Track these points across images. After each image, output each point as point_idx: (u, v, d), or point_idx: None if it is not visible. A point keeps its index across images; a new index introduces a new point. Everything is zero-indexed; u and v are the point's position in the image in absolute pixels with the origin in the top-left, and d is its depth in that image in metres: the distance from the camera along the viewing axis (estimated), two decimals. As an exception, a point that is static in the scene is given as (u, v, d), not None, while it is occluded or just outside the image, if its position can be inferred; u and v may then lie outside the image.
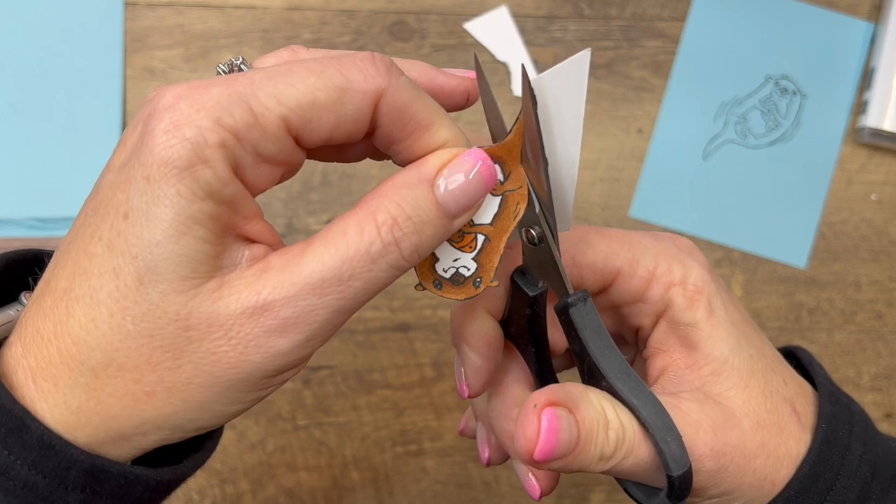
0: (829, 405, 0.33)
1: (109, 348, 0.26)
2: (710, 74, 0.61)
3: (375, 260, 0.26)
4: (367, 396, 0.57)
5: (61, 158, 0.57)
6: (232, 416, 0.27)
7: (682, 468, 0.29)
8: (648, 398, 0.30)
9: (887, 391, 0.60)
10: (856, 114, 0.61)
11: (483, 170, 0.27)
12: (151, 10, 0.59)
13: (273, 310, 0.25)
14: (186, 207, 0.25)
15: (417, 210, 0.26)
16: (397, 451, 0.57)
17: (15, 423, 0.26)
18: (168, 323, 0.25)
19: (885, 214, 0.61)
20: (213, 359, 0.26)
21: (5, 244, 0.55)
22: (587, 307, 0.31)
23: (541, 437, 0.28)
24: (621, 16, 0.61)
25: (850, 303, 0.60)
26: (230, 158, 0.25)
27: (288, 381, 0.28)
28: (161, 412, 0.26)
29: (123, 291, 0.25)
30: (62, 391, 0.26)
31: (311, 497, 0.56)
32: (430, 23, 0.60)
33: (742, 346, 0.33)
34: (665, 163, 0.60)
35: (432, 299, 0.58)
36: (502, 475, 0.57)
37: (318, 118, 0.26)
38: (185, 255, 0.25)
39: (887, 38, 0.60)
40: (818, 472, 0.32)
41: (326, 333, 0.26)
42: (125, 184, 0.25)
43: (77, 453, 0.26)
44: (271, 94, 0.25)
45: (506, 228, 0.29)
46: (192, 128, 0.25)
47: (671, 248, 0.34)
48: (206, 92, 0.25)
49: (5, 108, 0.57)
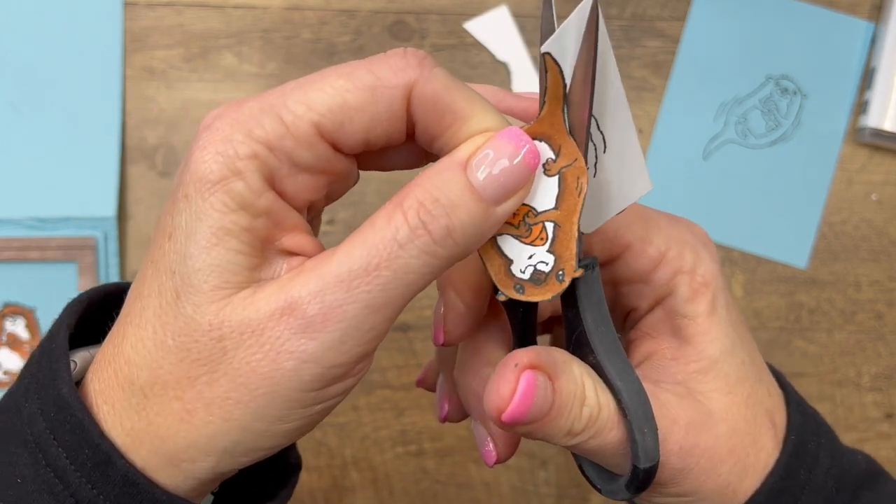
0: (799, 415, 0.32)
1: (154, 366, 0.25)
2: (710, 74, 0.61)
3: (403, 245, 0.24)
4: (367, 396, 0.57)
5: (61, 158, 0.57)
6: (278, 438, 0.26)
7: (650, 462, 0.27)
8: (634, 383, 0.28)
9: (887, 391, 0.60)
10: (856, 114, 0.61)
11: (523, 150, 0.25)
12: (151, 9, 0.58)
13: (300, 307, 0.24)
14: (219, 220, 0.25)
15: (445, 192, 0.25)
16: (397, 451, 0.57)
17: (102, 458, 0.25)
18: (202, 335, 0.25)
19: (886, 214, 0.61)
20: (247, 370, 0.25)
21: (5, 244, 0.55)
22: (593, 276, 0.28)
23: (515, 399, 0.27)
24: (621, 16, 0.61)
25: (851, 303, 0.60)
26: (263, 169, 0.25)
27: (339, 399, 0.26)
28: (203, 432, 0.25)
29: (165, 308, 0.25)
30: (118, 413, 0.26)
31: (311, 497, 0.56)
32: (430, 23, 0.59)
33: (736, 351, 0.32)
34: (665, 163, 0.60)
35: (432, 300, 0.58)
36: (502, 475, 0.57)
37: (351, 120, 0.25)
38: (217, 265, 0.25)
39: (888, 38, 0.60)
40: (785, 486, 0.31)
41: (363, 336, 0.25)
42: (171, 206, 0.26)
43: (159, 494, 0.25)
44: (301, 102, 0.25)
45: (574, 208, 0.27)
46: (225, 142, 0.25)
47: (686, 233, 0.33)
48: (241, 108, 0.25)
49: (5, 108, 0.57)
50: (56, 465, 0.25)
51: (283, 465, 0.32)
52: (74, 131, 0.57)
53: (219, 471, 0.26)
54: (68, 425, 0.26)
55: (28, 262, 0.56)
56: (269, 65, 0.59)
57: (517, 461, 0.57)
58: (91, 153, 0.57)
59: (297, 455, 0.32)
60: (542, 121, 0.26)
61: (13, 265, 0.55)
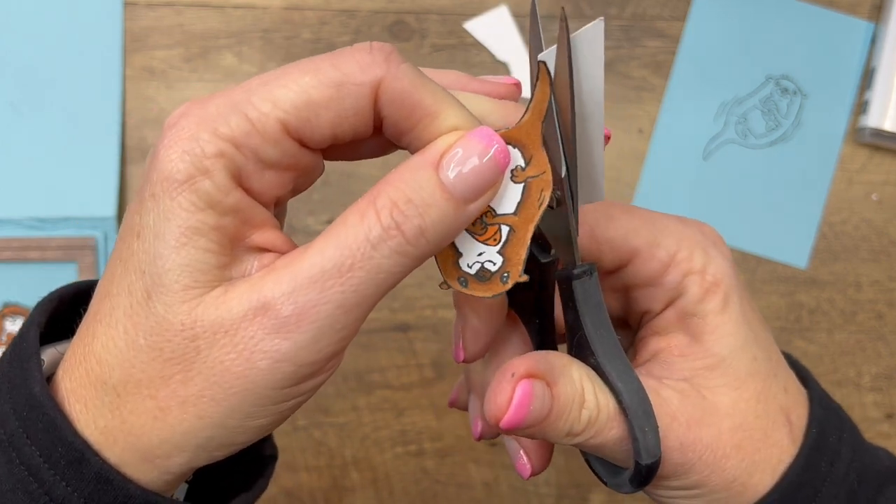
0: (821, 409, 0.33)
1: (126, 365, 0.25)
2: (711, 74, 0.61)
3: (376, 245, 0.24)
4: (367, 397, 0.57)
5: (61, 158, 0.57)
6: (252, 433, 0.26)
7: (652, 458, 0.28)
8: (634, 384, 0.29)
9: (888, 391, 0.60)
10: (856, 114, 0.61)
11: (492, 149, 0.26)
12: (151, 9, 0.59)
13: (273, 308, 0.24)
14: (187, 219, 0.25)
15: (419, 192, 0.25)
16: (397, 452, 0.57)
17: (75, 456, 0.25)
18: (175, 334, 0.25)
19: (886, 214, 0.60)
20: (222, 368, 0.25)
21: (5, 244, 0.55)
22: (591, 281, 0.29)
23: (511, 408, 0.27)
24: (621, 16, 0.61)
25: (851, 303, 0.60)
26: (230, 167, 0.25)
27: (310, 394, 0.26)
28: (177, 430, 0.25)
29: (135, 307, 0.25)
30: (91, 411, 0.26)
31: (311, 497, 0.56)
32: (430, 23, 0.59)
33: (747, 347, 0.32)
34: (665, 163, 0.60)
35: (432, 299, 0.58)
36: (502, 475, 0.57)
37: (317, 116, 0.25)
38: (187, 265, 0.25)
39: (888, 37, 0.60)
40: (805, 478, 0.31)
41: (336, 335, 0.25)
42: (138, 205, 0.26)
43: (133, 489, 0.26)
44: (266, 99, 0.25)
45: (531, 218, 0.27)
46: (191, 141, 0.25)
47: (696, 234, 0.33)
48: (207, 105, 0.25)
49: (5, 108, 0.57)
50: (30, 463, 0.26)
51: (259, 458, 0.32)
52: (74, 131, 0.57)
53: (193, 465, 0.27)
54: (41, 424, 0.26)
55: (28, 262, 0.56)
56: (269, 65, 0.59)
57: (517, 461, 0.57)
58: (91, 153, 0.57)
59: (272, 446, 0.32)
60: (521, 128, 0.27)
61: (13, 265, 0.55)
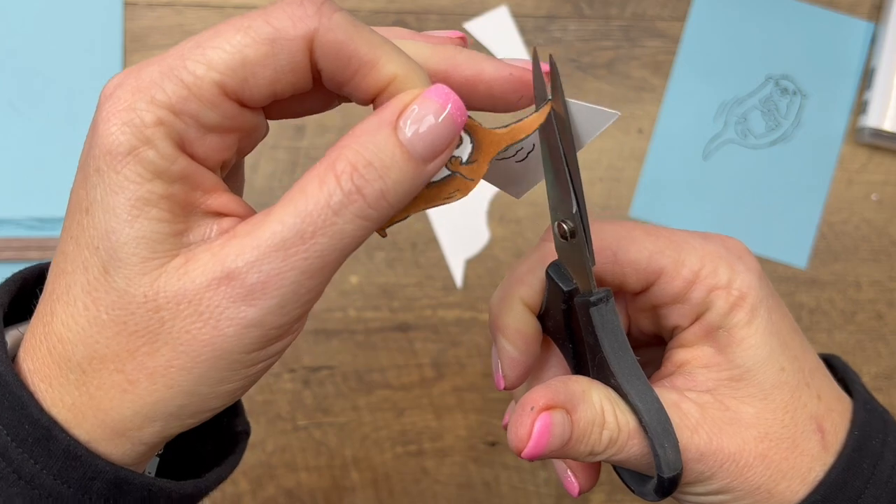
0: (864, 413, 0.33)
1: (90, 341, 0.25)
2: (711, 74, 0.61)
3: (338, 211, 0.24)
4: (367, 397, 0.57)
5: (61, 158, 0.57)
6: (224, 398, 0.26)
7: (673, 472, 0.30)
8: (653, 403, 0.30)
9: (888, 391, 0.60)
10: (856, 114, 0.61)
11: (448, 106, 0.25)
12: (151, 9, 0.58)
13: (237, 277, 0.24)
14: (135, 190, 0.24)
15: (378, 154, 0.24)
16: (397, 452, 0.57)
17: (42, 433, 0.25)
18: (138, 307, 0.25)
19: (886, 214, 0.61)
20: (188, 338, 0.25)
21: (5, 244, 0.55)
22: (608, 307, 0.31)
23: (531, 440, 0.29)
24: (621, 16, 0.61)
25: (851, 303, 0.60)
26: (172, 135, 0.25)
27: (279, 355, 0.27)
28: (147, 400, 0.25)
29: (93, 283, 0.25)
30: (56, 389, 0.26)
31: (311, 497, 0.56)
32: (430, 23, 0.59)
33: (774, 358, 0.32)
34: (665, 163, 0.60)
35: (432, 300, 0.58)
36: (502, 475, 0.57)
37: (254, 76, 0.25)
38: (142, 237, 0.25)
39: (888, 38, 0.60)
40: (846, 478, 0.31)
41: (301, 298, 0.25)
42: (83, 180, 0.26)
43: (102, 464, 0.26)
44: (199, 62, 0.25)
45: (430, 200, 0.28)
46: (129, 111, 0.24)
47: (720, 249, 0.33)
48: (141, 73, 0.25)
49: (5, 107, 0.57)
50: None
51: (231, 434, 0.32)
52: (75, 131, 0.57)
53: (165, 434, 0.27)
54: (7, 402, 0.26)
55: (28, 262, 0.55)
56: (269, 65, 0.59)
57: (517, 461, 0.57)
58: (91, 153, 0.57)
59: (245, 422, 0.33)
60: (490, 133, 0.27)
61: (13, 265, 0.55)
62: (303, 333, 0.57)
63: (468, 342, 0.58)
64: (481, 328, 0.58)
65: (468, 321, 0.58)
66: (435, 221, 0.59)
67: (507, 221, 0.59)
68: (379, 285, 0.58)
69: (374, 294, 0.58)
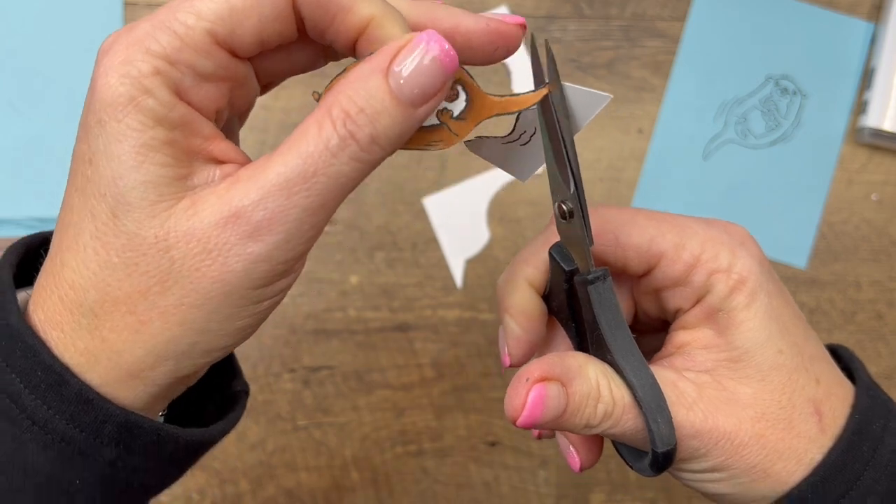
0: (867, 398, 0.33)
1: (102, 285, 0.26)
2: (711, 74, 0.61)
3: (335, 153, 0.26)
4: (367, 396, 0.57)
5: (61, 158, 0.57)
6: (233, 336, 0.27)
7: (667, 446, 0.31)
8: (648, 379, 0.31)
9: (888, 391, 0.60)
10: (856, 114, 0.61)
11: (438, 53, 0.26)
12: (151, 10, 0.58)
13: (244, 215, 0.26)
14: (139, 137, 0.26)
15: (370, 100, 0.26)
16: (397, 451, 0.57)
17: (55, 379, 0.26)
18: (149, 248, 0.26)
19: (886, 214, 0.61)
20: (198, 275, 0.26)
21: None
22: (605, 285, 0.32)
23: (525, 410, 0.30)
24: (621, 16, 0.61)
25: (851, 303, 0.60)
26: (169, 83, 0.26)
27: (283, 294, 0.28)
28: (160, 339, 0.26)
29: (102, 229, 0.26)
30: (69, 335, 0.27)
31: (311, 497, 0.56)
32: (430, 23, 0.59)
33: (772, 341, 0.33)
34: (665, 163, 0.60)
35: (432, 300, 0.58)
36: (502, 475, 0.57)
37: (241, 24, 0.26)
38: (149, 181, 0.26)
39: (887, 38, 0.60)
40: (846, 460, 0.32)
41: (304, 235, 0.26)
42: (85, 134, 0.27)
43: (113, 408, 0.27)
44: (190, 12, 0.26)
45: (413, 141, 0.29)
46: (126, 64, 0.26)
47: (722, 235, 0.34)
48: (135, 29, 0.26)
49: (5, 107, 0.57)
50: (10, 390, 0.27)
51: (231, 395, 0.33)
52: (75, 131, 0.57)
53: (178, 374, 0.28)
54: (19, 351, 0.27)
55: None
56: (269, 65, 0.59)
57: (517, 461, 0.57)
58: (91, 153, 0.57)
59: (243, 382, 0.34)
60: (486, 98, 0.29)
61: (13, 265, 0.55)
62: (303, 333, 0.57)
63: (468, 342, 0.58)
64: (481, 328, 0.58)
65: (468, 321, 0.58)
66: (435, 221, 0.59)
67: (507, 221, 0.59)
68: (379, 285, 0.58)
69: (374, 294, 0.58)
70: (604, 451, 0.36)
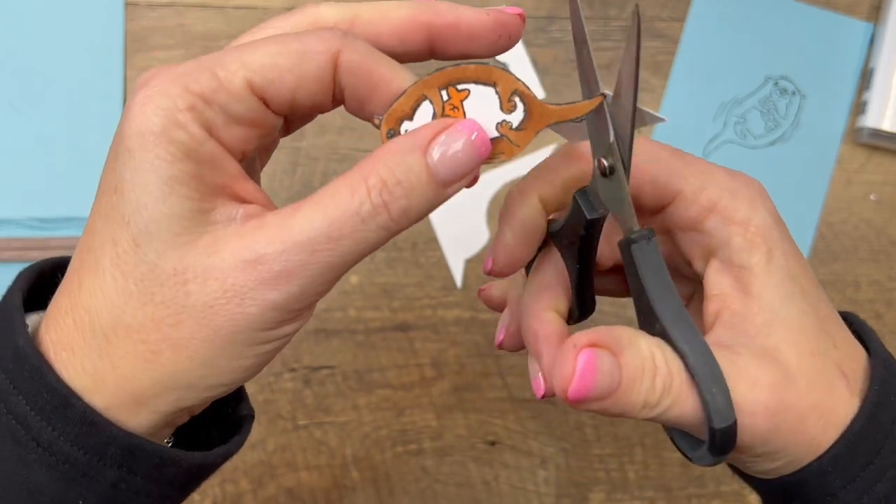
0: (884, 370, 0.32)
1: (116, 311, 0.27)
2: (710, 75, 0.61)
3: (365, 220, 0.27)
4: (367, 396, 0.57)
5: (61, 158, 0.57)
6: (237, 373, 0.28)
7: (725, 422, 0.28)
8: (700, 346, 0.29)
9: (886, 391, 0.60)
10: (855, 114, 0.61)
11: (476, 141, 0.28)
12: (152, 10, 0.59)
13: (266, 263, 0.26)
14: (167, 169, 0.26)
15: (408, 175, 0.27)
16: (397, 451, 0.57)
17: (60, 401, 0.27)
18: (167, 279, 0.26)
19: (885, 214, 0.61)
20: (211, 312, 0.26)
21: (5, 244, 0.55)
22: (650, 245, 0.30)
23: (575, 377, 0.28)
24: (621, 16, 0.61)
25: (850, 303, 0.60)
26: (201, 120, 0.27)
27: (288, 338, 0.29)
28: (169, 370, 0.27)
29: (123, 257, 0.27)
30: (79, 357, 0.27)
31: (311, 496, 0.56)
32: (430, 23, 0.60)
33: (795, 300, 0.32)
34: (665, 163, 0.60)
35: (432, 299, 0.58)
36: (502, 475, 0.58)
37: (281, 78, 0.27)
38: (174, 213, 0.26)
39: (886, 38, 0.60)
40: (867, 433, 0.31)
41: (320, 288, 0.27)
42: (113, 161, 0.27)
43: (116, 431, 0.27)
44: (235, 60, 0.27)
45: None
46: (163, 96, 0.26)
47: (742, 187, 0.33)
48: (176, 67, 0.27)
49: (5, 107, 0.57)
50: (17, 412, 0.27)
51: (236, 420, 0.34)
52: (75, 131, 0.57)
53: (181, 405, 0.28)
54: (26, 373, 0.27)
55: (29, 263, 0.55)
56: (269, 65, 0.59)
57: (517, 460, 0.58)
58: (92, 153, 0.57)
59: (248, 407, 0.34)
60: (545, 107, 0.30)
61: (15, 265, 0.55)
62: (303, 333, 0.57)
63: (468, 342, 0.58)
64: (481, 328, 0.58)
65: (468, 321, 0.58)
66: (435, 221, 0.59)
67: (506, 221, 0.59)
68: (379, 285, 0.58)
69: (374, 294, 0.58)
70: (602, 451, 0.36)
